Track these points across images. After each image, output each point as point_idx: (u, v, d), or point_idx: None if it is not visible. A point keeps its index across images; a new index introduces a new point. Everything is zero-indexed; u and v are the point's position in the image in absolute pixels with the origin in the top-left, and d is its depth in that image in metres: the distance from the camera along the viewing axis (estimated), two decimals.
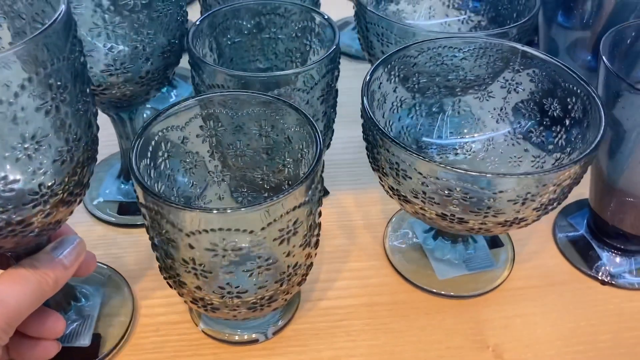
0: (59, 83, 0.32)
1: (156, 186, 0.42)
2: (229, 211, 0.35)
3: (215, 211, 0.35)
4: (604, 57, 0.45)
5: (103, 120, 0.47)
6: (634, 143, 0.46)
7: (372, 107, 0.45)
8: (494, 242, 0.53)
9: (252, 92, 0.43)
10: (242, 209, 0.35)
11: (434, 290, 0.50)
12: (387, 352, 0.46)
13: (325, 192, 0.58)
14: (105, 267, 0.51)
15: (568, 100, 0.46)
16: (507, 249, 0.53)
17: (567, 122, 0.46)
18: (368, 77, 0.44)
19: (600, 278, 0.51)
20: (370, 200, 0.58)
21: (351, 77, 0.61)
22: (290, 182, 0.46)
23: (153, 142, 0.41)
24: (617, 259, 0.52)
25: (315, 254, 0.44)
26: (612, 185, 0.49)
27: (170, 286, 0.42)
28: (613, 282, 0.50)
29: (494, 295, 0.50)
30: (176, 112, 0.42)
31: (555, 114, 0.47)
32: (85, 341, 0.45)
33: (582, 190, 0.56)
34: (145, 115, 0.64)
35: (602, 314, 0.49)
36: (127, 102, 0.48)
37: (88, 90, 0.37)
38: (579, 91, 0.45)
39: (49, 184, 0.34)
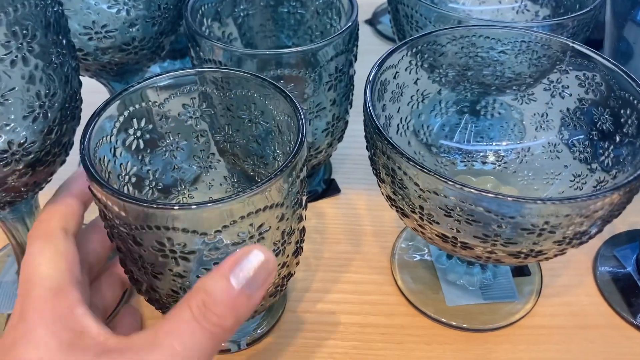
0: (25, 32, 0.29)
1: (123, 168, 0.38)
2: (174, 207, 0.29)
3: (152, 205, 0.29)
4: None
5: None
6: None
7: (381, 99, 0.39)
8: (519, 270, 0.46)
9: (244, 72, 0.38)
10: (190, 207, 0.29)
11: (439, 318, 0.43)
12: None
13: (336, 190, 0.52)
14: None
15: (622, 112, 0.38)
16: (534, 279, 0.45)
17: (618, 138, 0.38)
18: (378, 65, 0.38)
19: None
20: (385, 204, 0.51)
21: None
22: None
23: (122, 118, 0.36)
24: None
25: (297, 263, 0.38)
26: None
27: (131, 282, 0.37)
28: None
29: (510, 332, 0.43)
30: (153, 86, 0.37)
31: (604, 127, 0.39)
32: None
33: (637, 219, 0.47)
34: None
35: None
36: (117, 71, 0.43)
37: (64, 41, 0.33)
38: (636, 102, 0.36)
39: (20, 142, 0.31)
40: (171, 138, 0.41)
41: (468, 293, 0.44)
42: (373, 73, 0.37)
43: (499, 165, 0.44)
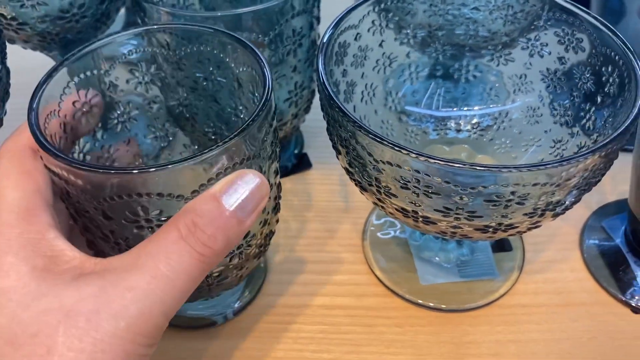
0: None
1: (76, 145, 0.35)
2: (135, 171, 0.26)
3: (119, 171, 0.27)
4: None
5: None
6: None
7: (339, 63, 0.36)
8: (500, 245, 0.43)
9: (194, 25, 0.35)
10: (161, 168, 0.26)
11: (412, 299, 0.40)
12: None
13: (307, 165, 0.49)
14: None
15: (603, 70, 0.34)
16: (516, 255, 0.42)
17: (599, 99, 0.35)
18: (333, 26, 0.34)
19: (632, 304, 0.39)
20: None
21: None
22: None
23: (68, 91, 0.33)
24: None
25: (277, 221, 0.36)
26: None
27: None
28: None
29: (488, 312, 0.40)
30: (96, 50, 0.34)
31: (586, 88, 0.36)
32: None
33: (627, 188, 0.44)
34: None
35: (627, 351, 0.38)
36: (59, 43, 0.40)
37: None
38: (617, 58, 0.33)
39: None
40: (122, 108, 0.38)
41: (444, 271, 0.41)
42: (327, 35, 0.34)
43: (475, 133, 0.41)
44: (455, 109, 0.41)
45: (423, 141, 0.41)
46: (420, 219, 0.31)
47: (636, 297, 0.40)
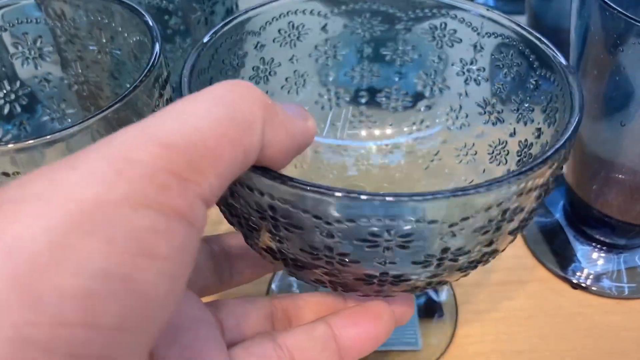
0: None
1: None
2: None
3: None
4: None
5: None
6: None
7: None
8: None
9: None
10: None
11: None
12: None
13: None
14: None
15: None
16: None
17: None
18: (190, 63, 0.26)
19: (572, 280, 0.38)
20: None
21: None
22: None
23: None
24: (597, 256, 0.39)
25: None
26: (595, 155, 0.35)
27: None
28: (587, 286, 0.38)
29: None
30: None
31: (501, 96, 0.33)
32: None
33: None
34: None
35: (566, 327, 0.37)
36: None
37: None
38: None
39: None
40: (8, 87, 0.35)
41: None
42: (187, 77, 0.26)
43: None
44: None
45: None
46: (290, 262, 0.24)
47: (577, 273, 0.39)
